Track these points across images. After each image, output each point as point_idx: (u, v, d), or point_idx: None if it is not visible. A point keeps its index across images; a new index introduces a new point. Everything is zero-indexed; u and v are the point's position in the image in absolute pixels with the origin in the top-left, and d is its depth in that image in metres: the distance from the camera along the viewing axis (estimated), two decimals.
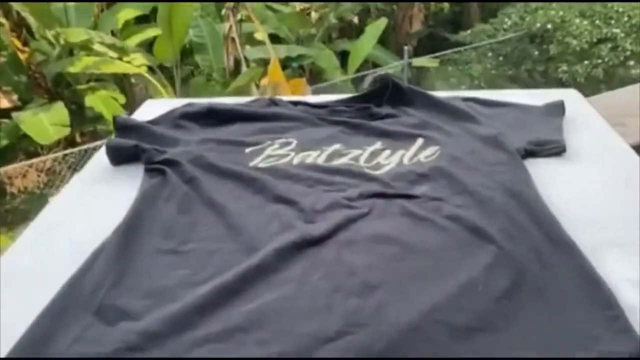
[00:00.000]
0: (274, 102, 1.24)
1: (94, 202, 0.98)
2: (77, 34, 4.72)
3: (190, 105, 1.21)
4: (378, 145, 1.07)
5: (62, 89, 5.30)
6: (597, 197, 0.93)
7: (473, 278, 0.74)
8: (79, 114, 5.15)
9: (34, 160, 4.60)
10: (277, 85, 4.89)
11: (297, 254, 0.79)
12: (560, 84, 5.29)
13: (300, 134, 1.11)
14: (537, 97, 1.23)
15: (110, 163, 1.08)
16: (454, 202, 0.89)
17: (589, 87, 5.09)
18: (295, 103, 1.23)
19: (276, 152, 1.06)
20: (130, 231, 0.85)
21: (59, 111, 4.68)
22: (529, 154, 1.02)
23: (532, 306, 0.71)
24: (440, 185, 0.94)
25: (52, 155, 4.60)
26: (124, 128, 1.14)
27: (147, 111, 1.29)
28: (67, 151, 4.66)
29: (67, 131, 4.62)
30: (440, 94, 1.24)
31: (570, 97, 1.24)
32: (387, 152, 1.05)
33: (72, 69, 4.84)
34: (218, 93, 4.68)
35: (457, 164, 0.98)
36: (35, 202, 4.68)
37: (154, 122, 1.17)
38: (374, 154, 1.04)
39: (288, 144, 1.09)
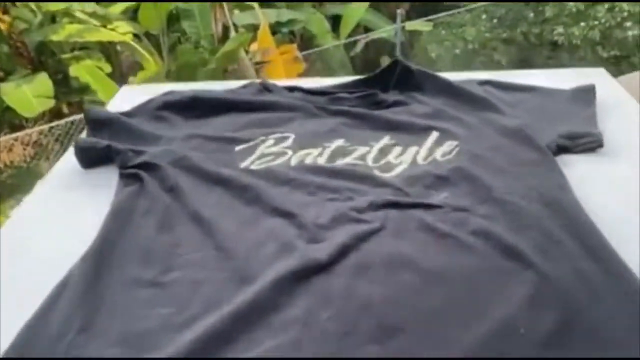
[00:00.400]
0: (266, 88, 1.08)
1: (61, 215, 0.83)
2: (55, 3, 4.47)
3: (171, 93, 1.05)
4: (386, 140, 0.92)
5: (45, 58, 5.06)
6: None
7: (511, 317, 0.61)
8: (64, 84, 4.94)
9: (19, 134, 4.40)
10: (266, 51, 4.69)
11: (300, 285, 0.66)
12: (556, 46, 5.12)
13: (297, 128, 0.96)
14: (560, 77, 1.08)
15: (80, 166, 0.92)
16: (480, 213, 0.75)
17: (583, 50, 4.93)
18: (291, 89, 1.08)
19: (271, 150, 0.91)
20: (101, 257, 0.71)
21: (43, 82, 4.46)
22: (561, 149, 0.87)
23: (585, 352, 0.58)
24: (462, 191, 0.80)
25: (37, 128, 4.41)
26: (97, 122, 0.98)
27: (124, 98, 1.13)
28: (53, 124, 4.46)
29: (51, 103, 4.41)
30: (453, 76, 1.09)
31: (597, 77, 1.09)
32: (398, 148, 0.90)
33: (55, 38, 4.59)
34: (206, 60, 4.46)
35: (479, 164, 0.84)
36: (23, 176, 4.51)
37: (130, 114, 1.01)
38: (383, 152, 0.89)
39: (284, 139, 0.94)
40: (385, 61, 4.81)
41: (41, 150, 4.54)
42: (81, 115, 4.27)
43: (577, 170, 0.84)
